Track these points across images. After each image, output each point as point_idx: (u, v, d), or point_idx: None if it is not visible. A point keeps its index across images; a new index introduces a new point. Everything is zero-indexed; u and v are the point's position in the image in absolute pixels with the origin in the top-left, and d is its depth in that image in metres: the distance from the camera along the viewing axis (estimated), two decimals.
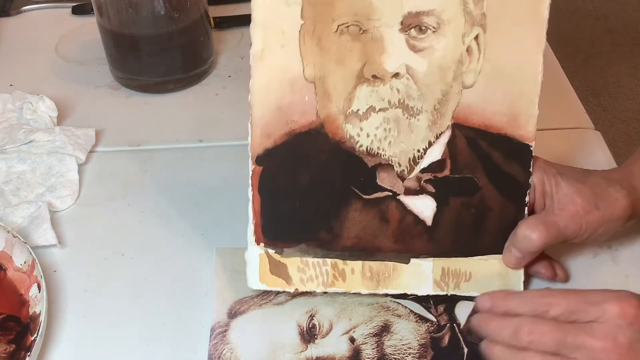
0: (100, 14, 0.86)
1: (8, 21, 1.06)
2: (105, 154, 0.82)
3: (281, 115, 0.60)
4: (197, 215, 0.73)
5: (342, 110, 0.60)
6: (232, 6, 1.03)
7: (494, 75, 0.60)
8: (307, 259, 0.63)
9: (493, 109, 0.61)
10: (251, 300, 0.64)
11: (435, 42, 0.59)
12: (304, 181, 0.62)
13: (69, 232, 0.72)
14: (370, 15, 0.58)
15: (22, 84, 0.91)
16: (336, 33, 0.59)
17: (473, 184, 0.62)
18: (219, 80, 0.93)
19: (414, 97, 0.60)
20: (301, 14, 0.59)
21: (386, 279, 0.63)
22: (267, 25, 0.59)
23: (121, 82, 0.91)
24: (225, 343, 0.60)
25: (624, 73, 2.34)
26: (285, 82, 0.60)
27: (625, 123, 2.16)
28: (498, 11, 0.59)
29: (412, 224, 0.63)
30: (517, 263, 0.63)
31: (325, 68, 0.60)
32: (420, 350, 0.60)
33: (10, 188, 0.75)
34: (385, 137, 0.61)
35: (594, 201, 0.60)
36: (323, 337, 0.61)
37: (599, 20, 2.58)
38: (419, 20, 0.59)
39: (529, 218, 0.62)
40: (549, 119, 0.81)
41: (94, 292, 0.66)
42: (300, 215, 0.63)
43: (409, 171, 0.62)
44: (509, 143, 0.61)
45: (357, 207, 0.62)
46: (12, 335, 0.61)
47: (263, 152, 0.61)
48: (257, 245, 0.63)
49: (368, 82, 0.60)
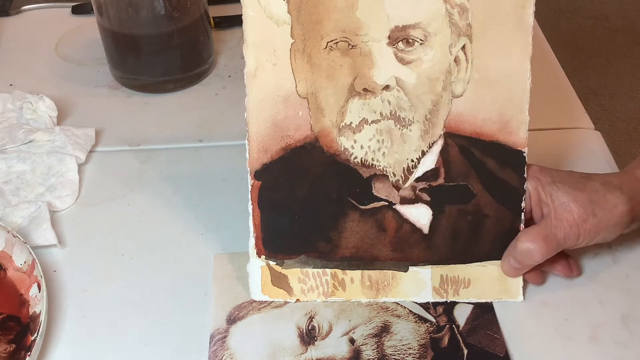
0: (100, 13, 0.86)
1: (8, 21, 1.06)
2: (105, 153, 0.82)
3: (276, 130, 0.62)
4: (197, 215, 0.73)
5: (335, 123, 0.62)
6: (232, 6, 1.03)
7: (483, 83, 0.61)
8: (308, 269, 0.64)
9: (484, 116, 0.62)
10: (250, 305, 0.64)
11: (423, 54, 0.60)
12: (301, 194, 0.63)
13: (69, 232, 0.72)
14: (357, 31, 0.60)
15: (22, 83, 0.91)
16: (325, 49, 0.60)
17: (468, 192, 0.63)
18: (218, 80, 0.93)
19: (405, 108, 0.61)
20: (291, 33, 0.60)
21: (385, 287, 0.64)
22: (258, 45, 0.61)
23: (121, 82, 0.91)
24: (225, 349, 0.61)
25: (624, 73, 2.34)
26: (279, 99, 0.61)
27: (625, 123, 2.16)
28: (483, 21, 0.60)
29: (409, 232, 0.63)
30: (515, 273, 0.64)
31: (316, 84, 0.61)
32: (420, 351, 0.60)
33: (10, 188, 0.75)
34: (379, 148, 0.62)
35: (591, 209, 0.60)
36: (323, 338, 0.61)
37: (599, 20, 2.58)
38: (406, 33, 0.60)
39: (528, 230, 0.62)
40: (549, 119, 0.82)
41: (94, 292, 0.66)
42: (300, 227, 0.64)
43: (404, 181, 0.63)
44: (502, 150, 0.62)
45: (354, 217, 0.63)
46: (12, 335, 0.61)
47: (261, 167, 0.63)
48: (258, 257, 0.64)
49: (359, 96, 0.61)
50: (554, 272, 0.66)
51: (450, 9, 0.60)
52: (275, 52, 0.61)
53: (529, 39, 0.60)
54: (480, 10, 0.60)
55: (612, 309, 0.63)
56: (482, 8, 0.60)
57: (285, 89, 0.61)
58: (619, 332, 0.62)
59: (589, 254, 0.68)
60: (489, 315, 0.63)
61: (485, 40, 0.60)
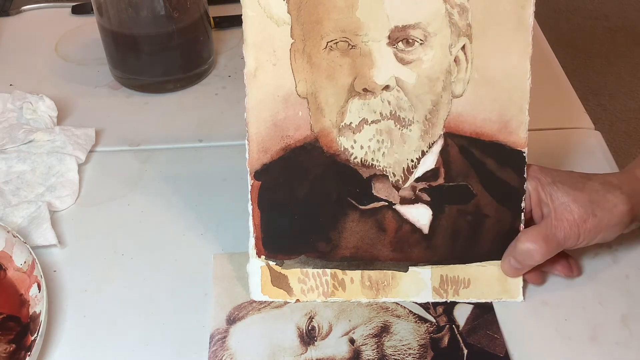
0: (100, 13, 0.86)
1: (8, 21, 1.06)
2: (105, 153, 0.82)
3: (276, 130, 0.62)
4: (197, 215, 0.73)
5: (335, 123, 0.62)
6: (232, 6, 1.02)
7: (483, 83, 0.61)
8: (307, 269, 0.64)
9: (483, 116, 0.62)
10: (250, 305, 0.64)
11: (423, 54, 0.60)
12: (301, 194, 0.63)
13: (69, 232, 0.72)
14: (357, 31, 0.60)
15: (22, 83, 0.91)
16: (325, 50, 0.61)
17: (467, 192, 0.63)
18: (218, 80, 0.93)
19: (404, 108, 0.61)
20: (291, 33, 0.60)
21: (385, 287, 0.64)
22: (258, 45, 0.61)
23: (121, 82, 0.91)
24: (224, 349, 0.61)
25: (624, 73, 2.34)
26: (279, 99, 0.61)
27: (625, 123, 2.16)
28: (483, 21, 0.60)
29: (409, 232, 0.63)
30: (515, 273, 0.64)
31: (316, 84, 0.61)
32: (420, 351, 0.60)
33: (10, 188, 0.75)
34: (379, 149, 0.62)
35: (591, 209, 0.60)
36: (323, 339, 0.61)
37: (599, 20, 2.58)
38: (406, 33, 0.60)
39: (529, 230, 0.62)
40: (549, 119, 0.82)
41: (94, 292, 0.66)
42: (299, 227, 0.64)
43: (404, 181, 0.63)
44: (501, 150, 0.62)
45: (354, 217, 0.63)
46: (12, 335, 0.61)
47: (260, 167, 0.63)
48: (258, 257, 0.64)
49: (359, 96, 0.61)
50: (554, 272, 0.66)
51: (450, 9, 0.60)
52: (275, 52, 0.61)
53: (528, 39, 0.60)
54: (480, 10, 0.60)
55: (612, 309, 0.63)
56: (482, 8, 0.60)
57: (285, 89, 0.61)
58: (619, 332, 0.62)
59: (589, 254, 0.68)
60: (489, 315, 0.63)
61: (485, 40, 0.60)
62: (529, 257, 0.61)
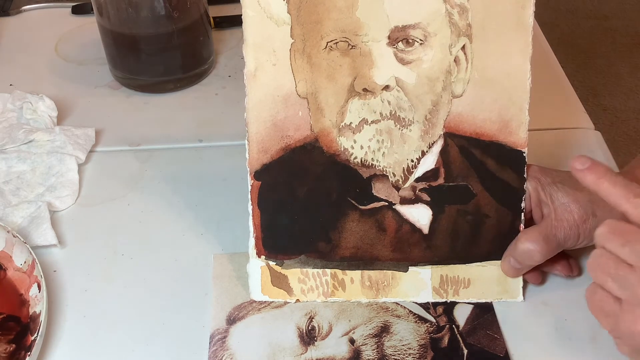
0: (100, 13, 0.86)
1: (8, 21, 1.06)
2: (105, 153, 0.82)
3: (276, 130, 0.62)
4: (197, 215, 0.73)
5: (335, 124, 0.62)
6: (232, 6, 1.03)
7: (483, 83, 0.61)
8: (307, 269, 0.64)
9: (483, 116, 0.62)
10: (250, 305, 0.64)
11: (423, 54, 0.60)
12: (301, 194, 0.63)
13: (69, 232, 0.72)
14: (357, 31, 0.60)
15: (22, 83, 0.91)
16: (325, 50, 0.61)
17: (467, 192, 0.63)
18: (218, 80, 0.93)
19: (404, 108, 0.61)
20: (291, 33, 0.60)
21: (385, 287, 0.64)
22: (258, 45, 0.61)
23: (121, 82, 0.91)
24: (224, 349, 0.61)
25: (624, 73, 2.34)
26: (279, 99, 0.61)
27: (625, 123, 2.16)
28: (483, 21, 0.60)
29: (409, 232, 0.63)
30: (515, 273, 0.64)
31: (316, 84, 0.61)
32: (420, 351, 0.60)
33: (10, 188, 0.75)
34: (379, 149, 0.62)
35: (591, 209, 0.60)
36: (323, 339, 0.61)
37: (599, 20, 2.58)
38: (406, 33, 0.60)
39: (529, 230, 0.62)
40: (549, 119, 0.82)
41: (94, 292, 0.66)
42: (299, 227, 0.64)
43: (404, 181, 0.63)
44: (501, 150, 0.62)
45: (354, 217, 0.63)
46: (12, 335, 0.61)
47: (260, 167, 0.63)
48: (258, 257, 0.64)
49: (359, 96, 0.61)
50: (554, 272, 0.66)
51: (450, 9, 0.60)
52: (275, 52, 0.61)
53: (528, 39, 0.60)
54: (480, 10, 0.60)
55: None
56: (482, 8, 0.60)
57: (285, 89, 0.61)
58: None
59: (589, 254, 0.68)
60: (489, 315, 0.63)
61: (485, 40, 0.60)
62: (529, 257, 0.62)
